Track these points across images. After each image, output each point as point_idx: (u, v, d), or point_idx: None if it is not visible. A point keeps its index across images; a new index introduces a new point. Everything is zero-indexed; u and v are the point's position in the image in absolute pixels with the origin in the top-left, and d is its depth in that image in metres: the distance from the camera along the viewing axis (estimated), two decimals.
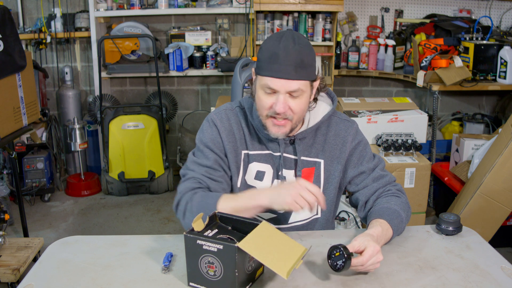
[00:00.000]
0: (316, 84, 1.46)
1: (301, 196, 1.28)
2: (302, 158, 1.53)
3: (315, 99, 1.51)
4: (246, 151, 1.53)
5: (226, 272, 1.13)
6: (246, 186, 1.54)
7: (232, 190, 1.55)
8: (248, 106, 1.53)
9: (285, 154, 1.52)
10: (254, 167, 1.53)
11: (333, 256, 1.20)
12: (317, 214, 1.57)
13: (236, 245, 1.10)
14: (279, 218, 1.56)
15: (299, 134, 1.51)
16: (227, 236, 1.21)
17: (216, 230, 1.24)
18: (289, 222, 1.56)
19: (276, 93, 1.38)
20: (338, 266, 1.19)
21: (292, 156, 1.53)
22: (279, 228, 1.32)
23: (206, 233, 1.19)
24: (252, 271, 1.18)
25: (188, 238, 1.16)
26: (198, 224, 1.21)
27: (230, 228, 1.27)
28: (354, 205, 1.61)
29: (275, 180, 1.53)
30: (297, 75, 1.35)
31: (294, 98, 1.39)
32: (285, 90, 1.37)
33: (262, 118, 1.44)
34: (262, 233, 1.19)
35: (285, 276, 1.09)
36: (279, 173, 1.52)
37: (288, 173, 1.53)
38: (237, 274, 1.12)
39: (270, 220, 1.55)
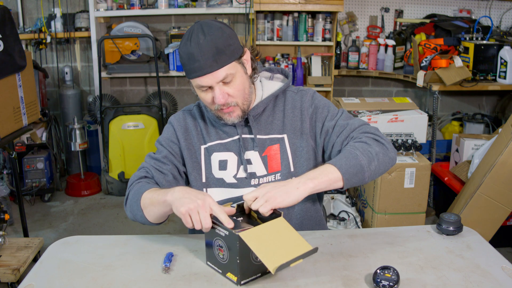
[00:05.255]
0: (247, 57, 1.47)
1: (198, 213, 1.21)
2: (265, 136, 1.53)
3: (254, 69, 1.52)
4: (205, 145, 1.56)
5: (231, 257, 1.18)
6: (214, 180, 1.54)
7: (189, 184, 1.58)
8: (204, 104, 1.58)
9: (244, 136, 1.54)
10: (215, 157, 1.54)
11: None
12: None
13: (237, 234, 1.14)
14: None
15: (252, 110, 1.53)
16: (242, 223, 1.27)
17: (241, 218, 1.30)
18: None
19: (211, 87, 1.42)
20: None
21: (252, 136, 1.54)
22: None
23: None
24: (261, 263, 1.18)
25: None
26: (229, 210, 1.28)
27: (256, 218, 1.30)
28: None
29: (241, 166, 1.53)
30: (218, 64, 1.37)
31: (229, 84, 1.41)
32: (215, 81, 1.40)
33: (214, 113, 1.50)
34: (272, 227, 1.22)
35: (272, 270, 1.11)
36: (243, 157, 1.52)
37: (252, 154, 1.53)
38: (238, 261, 1.16)
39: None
